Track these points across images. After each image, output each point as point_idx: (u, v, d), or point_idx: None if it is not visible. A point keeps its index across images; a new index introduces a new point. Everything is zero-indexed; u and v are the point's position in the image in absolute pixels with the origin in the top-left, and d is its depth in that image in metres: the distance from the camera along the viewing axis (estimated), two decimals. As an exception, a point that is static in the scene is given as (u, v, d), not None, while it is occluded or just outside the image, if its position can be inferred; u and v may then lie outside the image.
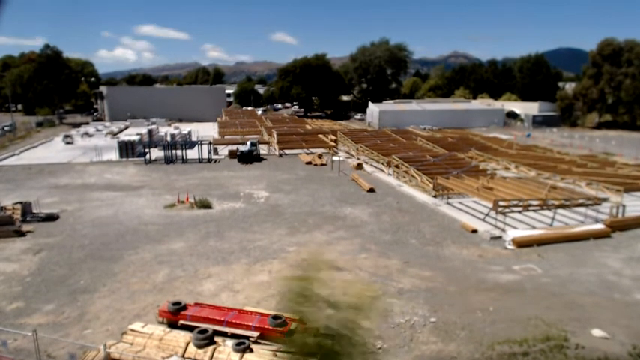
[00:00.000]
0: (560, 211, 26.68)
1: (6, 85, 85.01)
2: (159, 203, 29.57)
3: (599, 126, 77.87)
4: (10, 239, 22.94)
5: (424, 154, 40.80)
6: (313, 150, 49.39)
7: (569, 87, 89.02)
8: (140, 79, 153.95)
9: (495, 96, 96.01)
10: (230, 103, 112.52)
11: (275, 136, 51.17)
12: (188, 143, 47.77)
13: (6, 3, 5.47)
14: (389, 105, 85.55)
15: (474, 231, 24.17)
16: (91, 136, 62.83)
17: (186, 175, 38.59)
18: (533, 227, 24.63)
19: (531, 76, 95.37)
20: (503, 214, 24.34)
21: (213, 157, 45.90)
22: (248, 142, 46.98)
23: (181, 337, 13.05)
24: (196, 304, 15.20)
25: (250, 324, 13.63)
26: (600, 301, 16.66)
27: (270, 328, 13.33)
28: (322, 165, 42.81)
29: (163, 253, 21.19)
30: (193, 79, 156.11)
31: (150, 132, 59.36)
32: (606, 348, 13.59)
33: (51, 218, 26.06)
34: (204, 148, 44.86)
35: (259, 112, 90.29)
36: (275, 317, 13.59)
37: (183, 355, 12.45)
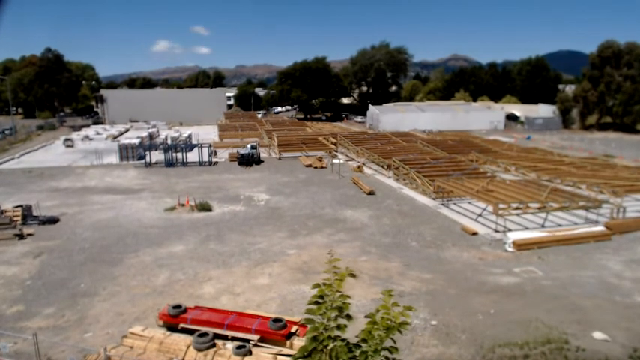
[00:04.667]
0: (560, 213, 26.67)
1: (7, 89, 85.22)
2: (159, 206, 29.57)
3: (600, 128, 77.84)
4: (11, 242, 22.95)
5: (424, 156, 40.80)
6: (313, 153, 49.41)
7: (569, 89, 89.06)
8: (141, 83, 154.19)
9: (495, 98, 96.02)
10: (231, 106, 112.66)
11: (275, 138, 51.21)
12: (188, 146, 47.80)
13: (6, 3, 5.48)
14: (389, 108, 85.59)
15: (475, 233, 24.16)
16: (91, 139, 62.87)
17: (187, 178, 38.60)
18: (534, 230, 24.61)
19: (531, 79, 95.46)
20: (504, 216, 24.34)
21: (214, 159, 45.91)
22: (248, 145, 47.01)
23: (182, 340, 13.04)
24: (196, 307, 15.19)
25: (251, 327, 13.61)
26: (601, 303, 16.64)
27: (271, 331, 13.31)
28: (322, 168, 42.81)
29: (163, 256, 21.19)
30: (194, 83, 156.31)
31: (150, 135, 59.43)
32: (607, 351, 13.57)
33: (51, 221, 26.07)
34: (205, 150, 44.88)
35: (259, 115, 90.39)
36: (275, 320, 13.58)
37: (183, 359, 12.43)
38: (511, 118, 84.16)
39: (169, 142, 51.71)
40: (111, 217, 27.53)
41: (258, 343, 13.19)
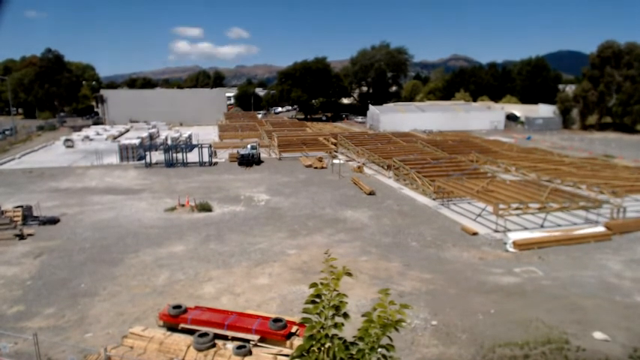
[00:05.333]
0: (560, 213, 26.67)
1: (7, 89, 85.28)
2: (159, 206, 29.58)
3: (600, 128, 77.82)
4: (11, 243, 22.96)
5: (425, 156, 40.80)
6: (313, 153, 49.42)
7: (570, 89, 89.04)
8: (141, 83, 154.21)
9: (495, 99, 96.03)
10: (231, 107, 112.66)
11: (275, 139, 51.22)
12: (189, 146, 47.83)
13: (6, 3, 5.48)
14: (389, 108, 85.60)
15: (475, 234, 24.16)
16: (91, 139, 62.89)
17: (187, 179, 38.61)
18: (534, 230, 24.61)
19: (531, 79, 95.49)
20: (504, 217, 24.33)
21: (214, 160, 45.93)
22: (248, 145, 47.03)
23: (182, 340, 13.04)
24: (197, 307, 15.20)
25: (251, 327, 13.62)
26: (601, 303, 16.64)
27: (271, 331, 13.32)
28: (322, 168, 42.81)
29: (164, 256, 21.20)
30: (194, 83, 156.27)
31: (150, 135, 59.46)
32: (607, 351, 13.58)
33: (52, 222, 26.08)
34: (205, 151, 44.90)
35: (259, 116, 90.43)
36: (276, 320, 13.58)
37: (183, 359, 12.43)
38: (511, 118, 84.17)
39: (169, 142, 51.71)
40: (111, 217, 27.54)
41: (259, 344, 13.20)
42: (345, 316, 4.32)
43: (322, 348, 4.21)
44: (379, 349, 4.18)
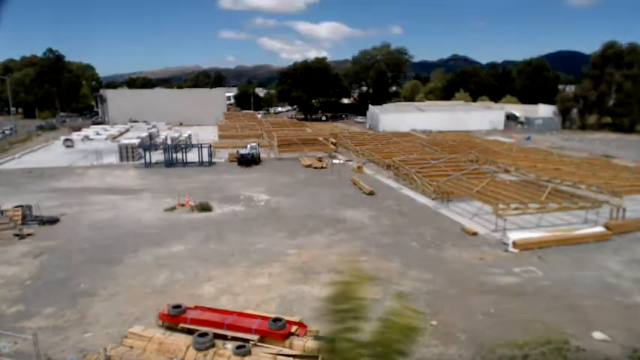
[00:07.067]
0: (560, 213, 26.67)
1: (7, 89, 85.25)
2: (159, 206, 29.57)
3: (600, 128, 77.83)
4: (11, 242, 22.95)
5: (424, 156, 40.80)
6: (313, 153, 49.40)
7: (570, 89, 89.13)
8: (141, 83, 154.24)
9: (495, 99, 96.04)
10: (231, 107, 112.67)
11: (275, 139, 51.21)
12: (188, 146, 47.82)
13: (6, 3, 5.50)
14: (389, 108, 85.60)
15: (475, 234, 24.16)
16: (91, 139, 62.86)
17: (187, 178, 38.60)
18: (534, 230, 24.60)
19: (531, 79, 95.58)
20: (504, 217, 24.33)
21: (213, 160, 45.91)
22: (248, 145, 47.00)
23: (182, 340, 13.05)
24: (196, 307, 15.20)
25: (251, 327, 13.62)
26: (601, 303, 16.64)
27: (271, 331, 13.32)
28: (322, 168, 42.80)
29: (163, 256, 21.19)
30: (194, 83, 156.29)
31: (150, 135, 59.43)
32: (607, 351, 13.59)
33: (51, 221, 26.07)
34: (205, 151, 44.88)
35: (259, 116, 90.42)
36: (275, 320, 13.59)
37: (183, 359, 12.44)
38: (511, 118, 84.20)
39: (169, 142, 51.70)
40: (111, 217, 27.54)
41: (258, 344, 13.20)
42: (363, 320, 4.30)
43: (339, 351, 4.20)
44: (393, 355, 4.16)
